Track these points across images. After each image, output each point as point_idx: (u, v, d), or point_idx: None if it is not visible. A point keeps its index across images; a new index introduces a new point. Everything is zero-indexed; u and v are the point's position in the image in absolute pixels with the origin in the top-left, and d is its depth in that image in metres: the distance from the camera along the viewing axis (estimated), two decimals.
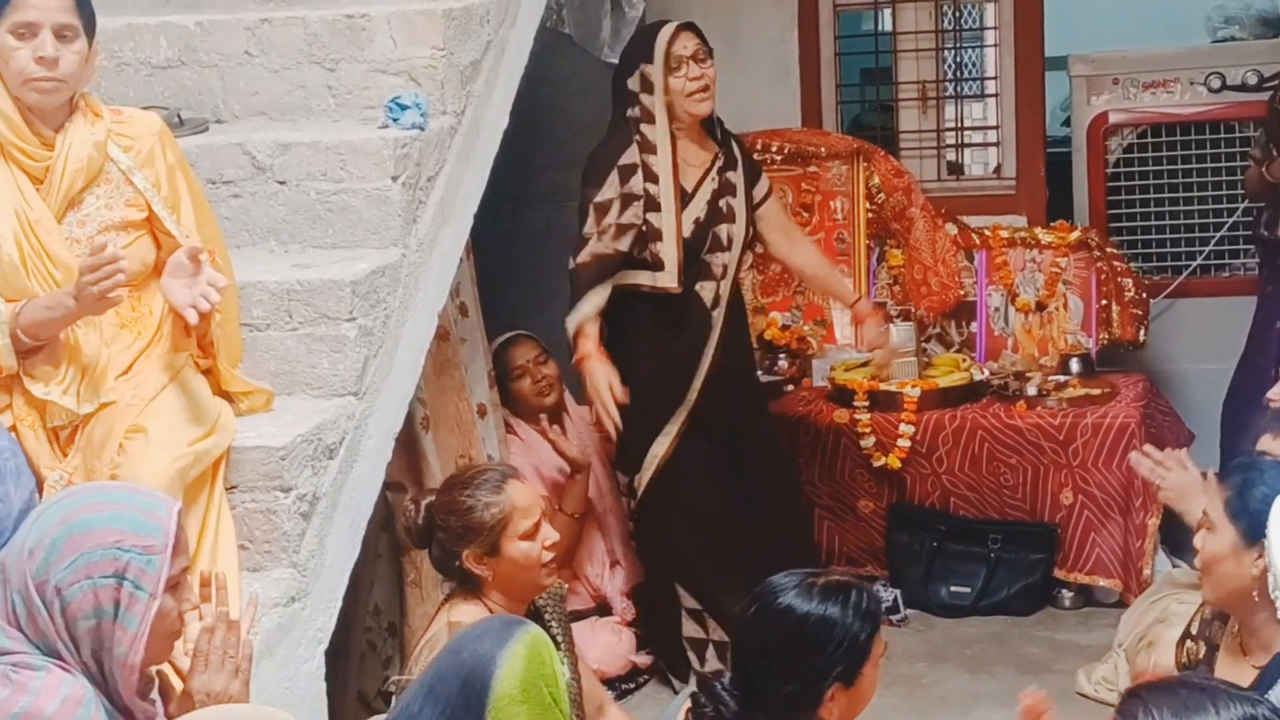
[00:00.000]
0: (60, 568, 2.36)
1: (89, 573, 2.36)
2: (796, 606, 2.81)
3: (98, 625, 2.37)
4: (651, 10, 5.85)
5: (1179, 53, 6.26)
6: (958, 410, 5.37)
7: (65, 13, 3.23)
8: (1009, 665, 4.91)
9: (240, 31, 4.09)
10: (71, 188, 3.28)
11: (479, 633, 2.49)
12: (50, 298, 3.19)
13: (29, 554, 2.38)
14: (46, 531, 2.40)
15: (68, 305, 3.15)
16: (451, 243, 3.98)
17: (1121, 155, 6.15)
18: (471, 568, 3.45)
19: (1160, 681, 2.28)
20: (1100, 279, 5.75)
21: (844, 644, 2.79)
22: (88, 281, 3.08)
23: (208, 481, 3.26)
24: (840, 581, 2.87)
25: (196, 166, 3.78)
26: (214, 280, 3.19)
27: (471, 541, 3.43)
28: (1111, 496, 5.22)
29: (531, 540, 3.47)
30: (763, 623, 2.84)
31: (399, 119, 3.84)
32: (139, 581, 2.38)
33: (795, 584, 2.85)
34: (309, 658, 3.36)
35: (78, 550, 2.37)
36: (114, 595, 2.37)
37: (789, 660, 2.80)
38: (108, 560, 2.37)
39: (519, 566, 3.47)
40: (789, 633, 2.80)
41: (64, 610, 2.36)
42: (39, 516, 2.45)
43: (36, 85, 3.22)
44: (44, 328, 3.21)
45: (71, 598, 2.36)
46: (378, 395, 3.63)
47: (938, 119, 6.32)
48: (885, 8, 6.40)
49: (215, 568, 3.13)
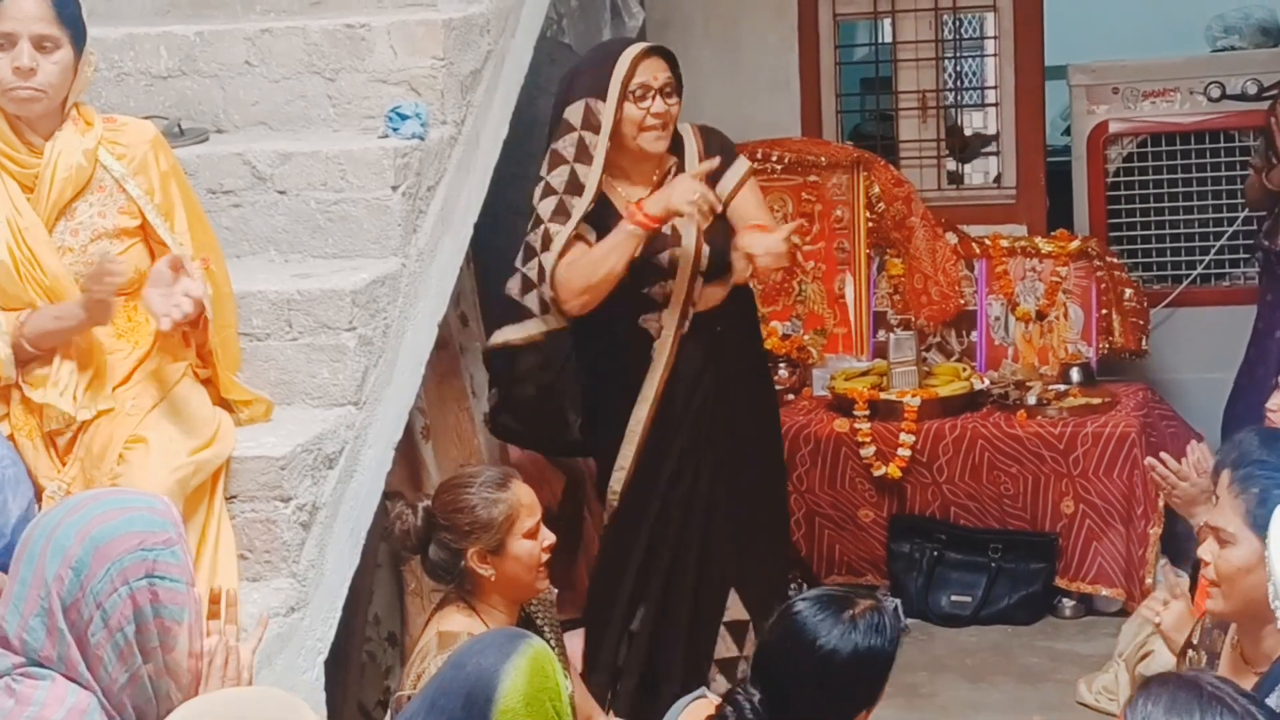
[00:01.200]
0: (94, 582, 2.35)
1: (125, 578, 2.37)
2: (840, 644, 2.75)
3: (143, 628, 2.38)
4: (651, 20, 5.87)
5: (1179, 62, 6.27)
6: (958, 419, 5.37)
7: (44, 23, 3.23)
8: (1010, 675, 4.90)
9: (240, 41, 4.10)
10: (61, 196, 3.29)
11: (482, 646, 2.49)
12: (60, 308, 3.21)
13: (55, 579, 2.36)
14: (68, 551, 2.38)
15: (76, 315, 3.17)
16: (452, 252, 3.98)
17: (1121, 164, 6.17)
18: (475, 567, 3.46)
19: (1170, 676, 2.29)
20: (1100, 288, 5.75)
21: (881, 671, 2.79)
22: (95, 290, 3.10)
23: (208, 491, 3.26)
24: (871, 607, 2.81)
25: (197, 176, 3.79)
26: (189, 290, 3.18)
27: (478, 539, 3.45)
28: (1112, 506, 5.21)
29: (534, 539, 3.50)
30: (800, 652, 2.77)
31: (399, 129, 3.84)
32: (170, 575, 2.40)
33: (832, 616, 2.77)
34: (308, 667, 3.36)
35: (108, 560, 2.37)
36: (148, 596, 2.38)
37: (831, 693, 2.78)
38: (138, 563, 2.38)
39: (522, 565, 3.48)
40: (836, 669, 2.76)
41: (106, 623, 2.35)
42: (50, 538, 2.41)
43: (13, 95, 3.24)
44: (51, 338, 3.22)
45: (113, 608, 2.35)
46: (378, 405, 3.63)
47: (938, 128, 6.33)
48: (885, 17, 6.41)
49: (215, 578, 3.14)
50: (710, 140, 4.31)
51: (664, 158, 4.24)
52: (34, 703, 2.32)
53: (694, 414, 4.27)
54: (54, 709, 2.32)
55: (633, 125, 4.11)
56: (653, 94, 4.10)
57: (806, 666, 2.77)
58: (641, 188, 4.21)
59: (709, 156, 4.18)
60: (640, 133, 4.12)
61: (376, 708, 4.26)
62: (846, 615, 2.77)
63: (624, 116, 4.09)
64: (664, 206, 4.03)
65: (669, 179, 4.19)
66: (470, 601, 3.51)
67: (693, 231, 4.15)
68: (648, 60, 4.13)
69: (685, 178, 4.09)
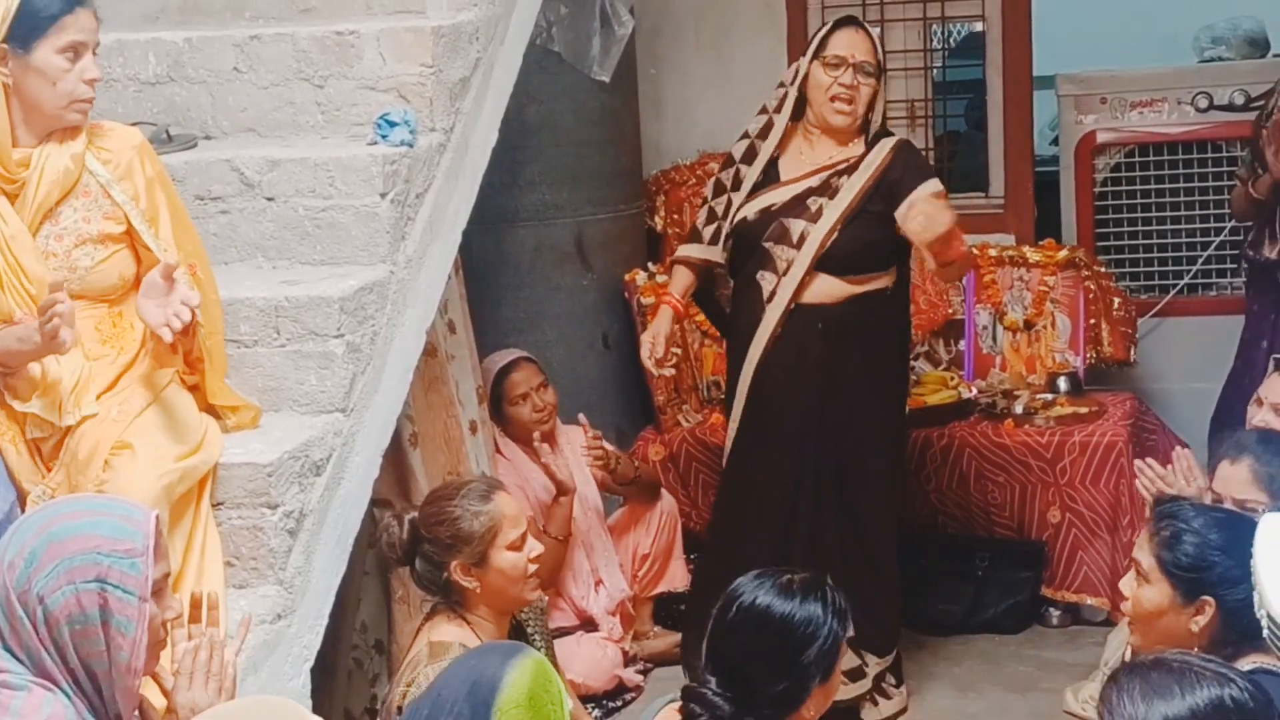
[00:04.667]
0: (41, 576, 2.36)
1: (70, 578, 2.36)
2: (780, 606, 2.87)
3: (83, 631, 2.37)
4: (642, 28, 5.87)
5: (1167, 72, 6.29)
6: (945, 428, 5.37)
7: (98, 32, 3.29)
8: (996, 683, 4.91)
9: (229, 48, 4.10)
10: (47, 200, 3.29)
11: (485, 650, 2.55)
12: (24, 329, 3.19)
13: (9, 566, 2.38)
14: (25, 542, 2.40)
15: (35, 340, 3.15)
16: (440, 260, 3.98)
17: (1109, 174, 6.18)
18: (459, 580, 3.45)
19: (1139, 662, 2.30)
20: (1088, 297, 5.76)
21: (828, 640, 2.87)
22: (41, 323, 3.07)
23: (194, 498, 3.26)
24: (813, 579, 2.93)
25: (185, 183, 3.78)
26: (187, 299, 3.18)
27: (460, 552, 3.44)
28: (1099, 515, 5.22)
29: (519, 551, 3.49)
30: (748, 624, 2.88)
31: (388, 136, 3.84)
32: (123, 585, 2.38)
33: (772, 584, 2.90)
34: (295, 675, 3.35)
35: (58, 557, 2.37)
36: (97, 600, 2.37)
37: (782, 659, 2.86)
38: (88, 565, 2.37)
39: (506, 578, 3.48)
40: (780, 632, 2.86)
41: (46, 618, 2.36)
42: (17, 530, 2.45)
43: (82, 106, 3.28)
44: (15, 357, 3.21)
45: (54, 605, 2.36)
46: (365, 412, 3.63)
47: (926, 137, 6.34)
48: (874, 26, 6.41)
49: (201, 584, 3.14)
50: (898, 156, 4.48)
51: (847, 141, 4.48)
52: (10, 712, 2.31)
53: (798, 403, 4.42)
54: (30, 719, 2.31)
55: (819, 90, 4.43)
56: (846, 67, 4.40)
57: (752, 631, 2.86)
58: (820, 157, 4.48)
59: (891, 170, 4.41)
60: (827, 101, 4.42)
61: (363, 715, 4.26)
62: (784, 580, 2.91)
63: (812, 80, 4.43)
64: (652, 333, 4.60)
65: (838, 166, 4.45)
66: (460, 611, 3.51)
67: (834, 215, 4.41)
68: (849, 33, 4.47)
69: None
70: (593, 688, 4.75)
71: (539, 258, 5.54)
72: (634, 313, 5.66)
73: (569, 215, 5.57)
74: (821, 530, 4.47)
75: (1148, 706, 2.18)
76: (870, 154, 4.49)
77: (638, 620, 5.17)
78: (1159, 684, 2.19)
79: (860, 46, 4.46)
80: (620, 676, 4.92)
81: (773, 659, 2.87)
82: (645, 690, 4.95)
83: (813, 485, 4.48)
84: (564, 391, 5.19)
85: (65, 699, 2.36)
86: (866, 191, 4.45)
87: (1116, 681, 2.23)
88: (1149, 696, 2.18)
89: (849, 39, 4.47)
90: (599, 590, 5.03)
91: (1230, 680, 2.20)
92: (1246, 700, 2.18)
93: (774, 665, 2.86)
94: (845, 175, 4.48)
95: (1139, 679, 2.21)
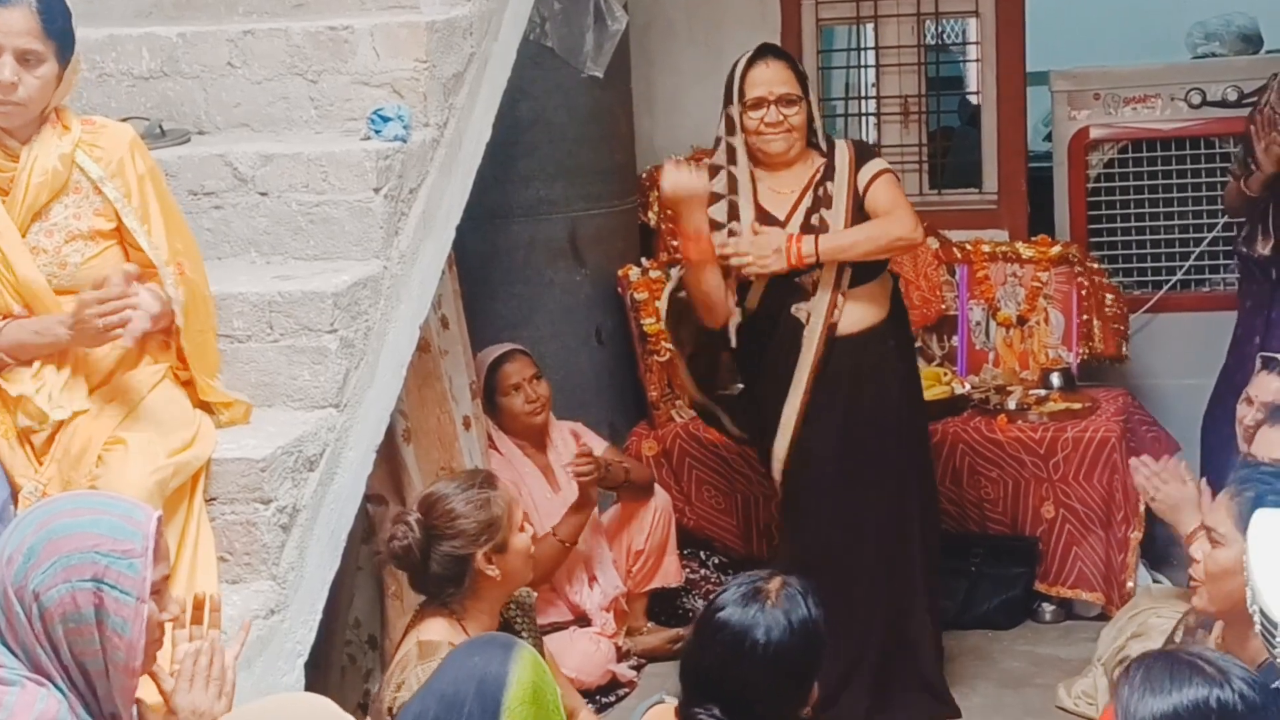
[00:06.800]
0: (38, 572, 2.36)
1: (66, 576, 2.36)
2: (779, 631, 2.85)
3: (77, 629, 2.37)
4: (634, 24, 5.87)
5: (1160, 69, 6.30)
6: (938, 424, 5.37)
7: (29, 38, 3.21)
8: (989, 679, 4.91)
9: (223, 43, 4.09)
10: (36, 199, 3.28)
11: (482, 645, 2.59)
12: (39, 323, 3.19)
13: (7, 560, 2.38)
14: (24, 538, 2.40)
15: (58, 335, 3.14)
16: (433, 255, 3.98)
17: (1102, 170, 6.18)
18: (483, 568, 3.51)
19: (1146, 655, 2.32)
20: (1081, 293, 5.77)
21: (821, 641, 2.90)
22: (93, 314, 3.07)
23: (187, 493, 3.25)
24: (780, 585, 2.91)
25: (178, 178, 3.78)
26: (144, 304, 3.17)
27: (490, 539, 3.52)
28: (1093, 510, 5.23)
29: (524, 531, 3.57)
30: (753, 662, 2.85)
31: (381, 131, 3.84)
32: (120, 585, 2.38)
33: (757, 610, 2.86)
34: (288, 670, 3.35)
35: (55, 554, 2.37)
36: (93, 600, 2.37)
37: (788, 675, 2.87)
38: (85, 564, 2.37)
39: (521, 558, 3.59)
40: (790, 650, 2.85)
41: (42, 615, 2.36)
42: (17, 525, 2.46)
43: None
44: (28, 350, 3.21)
45: (49, 602, 2.36)
46: (359, 407, 3.63)
47: (919, 133, 6.34)
48: (868, 23, 6.42)
49: (195, 580, 3.14)
50: (859, 150, 4.60)
51: (805, 157, 4.53)
52: (4, 707, 2.31)
53: (845, 417, 4.45)
54: (23, 715, 2.31)
55: (751, 133, 4.48)
56: (767, 105, 4.44)
57: (761, 667, 2.85)
58: (795, 181, 4.51)
59: (861, 165, 4.49)
60: (762, 138, 4.46)
61: (356, 710, 4.26)
62: (767, 603, 2.87)
63: (743, 125, 4.48)
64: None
65: (816, 177, 4.49)
66: (453, 608, 3.53)
67: (843, 215, 4.43)
68: (761, 69, 4.47)
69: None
70: (586, 683, 4.75)
71: (532, 253, 5.54)
72: (627, 308, 5.66)
73: (562, 211, 5.57)
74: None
75: (1139, 699, 2.21)
76: (835, 156, 4.52)
77: (631, 616, 5.17)
78: (1157, 678, 2.21)
79: (776, 79, 4.46)
80: (614, 672, 4.92)
81: (779, 680, 2.87)
82: (638, 686, 4.95)
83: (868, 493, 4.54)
84: (557, 387, 5.19)
85: (59, 695, 2.36)
86: (853, 188, 4.49)
87: (1125, 673, 2.26)
88: (1144, 689, 2.20)
89: (763, 76, 4.46)
90: (593, 586, 5.03)
91: (1226, 681, 2.21)
92: (1234, 702, 2.19)
93: (780, 684, 2.87)
94: (828, 180, 4.50)
95: (1144, 669, 2.24)
